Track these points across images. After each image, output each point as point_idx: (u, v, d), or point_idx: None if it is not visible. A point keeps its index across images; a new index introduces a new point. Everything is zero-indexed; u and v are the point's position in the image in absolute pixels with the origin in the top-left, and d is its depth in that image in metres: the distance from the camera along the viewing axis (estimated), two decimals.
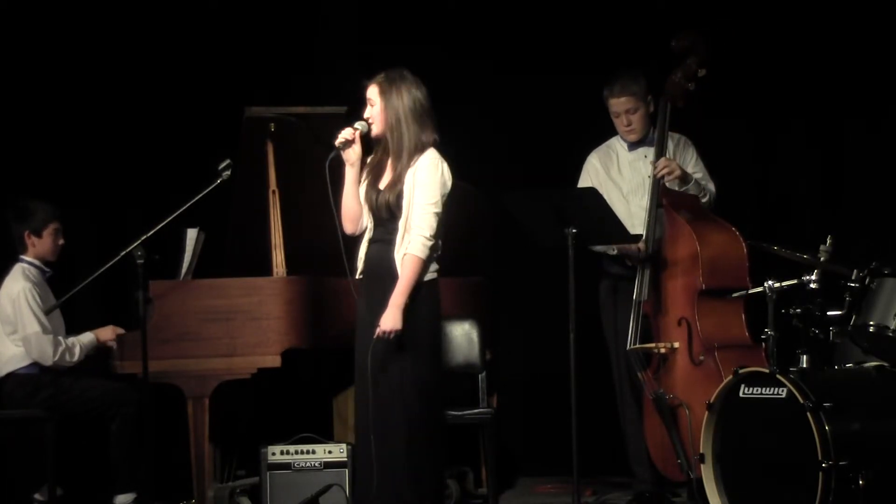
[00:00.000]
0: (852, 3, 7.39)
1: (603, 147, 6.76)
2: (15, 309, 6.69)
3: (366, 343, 5.52)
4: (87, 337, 6.79)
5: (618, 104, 6.59)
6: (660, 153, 6.48)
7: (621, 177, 6.67)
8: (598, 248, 6.61)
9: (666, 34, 6.53)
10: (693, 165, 6.60)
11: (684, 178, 6.47)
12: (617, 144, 6.73)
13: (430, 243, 5.47)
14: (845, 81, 7.44)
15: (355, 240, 5.67)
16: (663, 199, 6.45)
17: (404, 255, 5.47)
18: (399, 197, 5.52)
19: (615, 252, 6.55)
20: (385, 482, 5.48)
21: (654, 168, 6.46)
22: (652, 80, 6.58)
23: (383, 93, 5.57)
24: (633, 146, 6.67)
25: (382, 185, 5.60)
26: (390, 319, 5.42)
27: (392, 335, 5.41)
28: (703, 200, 6.53)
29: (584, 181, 6.68)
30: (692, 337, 6.28)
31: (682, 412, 6.21)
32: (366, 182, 5.65)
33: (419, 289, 5.49)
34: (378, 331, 5.42)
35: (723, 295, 6.24)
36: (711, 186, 6.59)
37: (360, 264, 5.64)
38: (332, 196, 5.54)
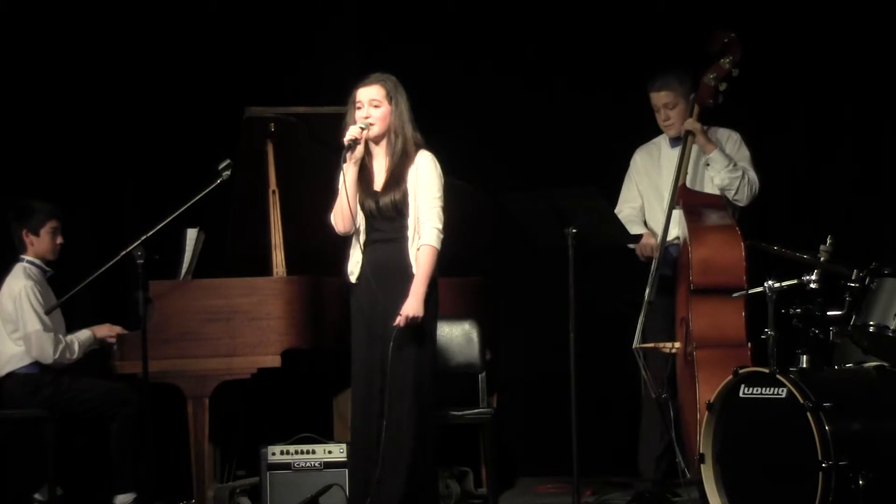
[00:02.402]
0: (854, 1, 7.39)
1: (649, 143, 6.81)
2: (16, 307, 6.69)
3: (371, 340, 5.62)
4: (84, 334, 6.79)
5: (657, 98, 6.63)
6: (683, 153, 6.47)
7: (660, 173, 6.69)
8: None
9: (664, 36, 6.52)
10: (737, 152, 6.58)
11: (707, 137, 6.47)
12: (661, 141, 6.77)
13: (441, 235, 5.65)
14: (846, 81, 7.43)
15: (345, 241, 5.73)
16: (679, 199, 6.44)
17: (420, 246, 5.62)
18: (405, 195, 5.66)
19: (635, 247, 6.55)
20: (395, 477, 5.54)
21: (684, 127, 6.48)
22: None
23: (390, 95, 5.70)
24: (675, 143, 6.66)
25: (377, 186, 5.71)
26: (414, 306, 5.55)
27: (412, 322, 5.54)
28: (737, 184, 6.46)
29: (628, 177, 6.76)
30: (687, 336, 6.28)
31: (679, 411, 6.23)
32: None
33: (430, 284, 5.61)
34: (401, 317, 5.53)
35: (719, 294, 6.23)
36: (753, 174, 6.53)
37: (357, 267, 5.71)
38: (347, 192, 5.63)
